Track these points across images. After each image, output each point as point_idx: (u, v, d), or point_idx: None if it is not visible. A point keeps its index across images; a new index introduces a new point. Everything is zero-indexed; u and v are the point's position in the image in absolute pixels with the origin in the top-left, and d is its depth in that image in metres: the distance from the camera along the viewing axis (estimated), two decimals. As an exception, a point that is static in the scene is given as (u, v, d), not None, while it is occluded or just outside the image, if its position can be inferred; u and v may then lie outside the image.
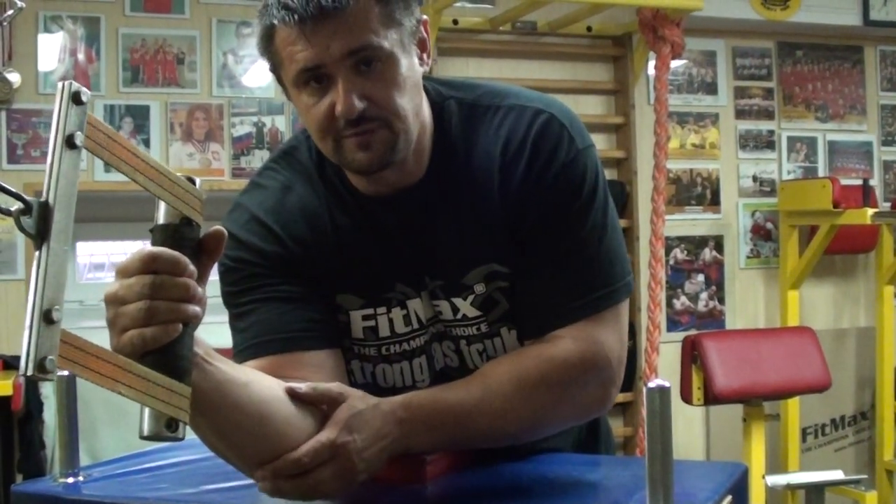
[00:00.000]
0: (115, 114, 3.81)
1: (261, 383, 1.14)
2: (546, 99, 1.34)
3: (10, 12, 3.09)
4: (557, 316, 1.28)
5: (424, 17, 1.27)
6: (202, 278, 0.99)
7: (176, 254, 0.94)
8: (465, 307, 1.33)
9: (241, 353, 1.27)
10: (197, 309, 0.95)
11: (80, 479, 1.36)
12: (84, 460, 1.41)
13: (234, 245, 1.29)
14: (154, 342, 0.92)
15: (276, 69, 1.25)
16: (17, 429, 3.51)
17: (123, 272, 0.94)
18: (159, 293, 0.92)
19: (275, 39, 1.20)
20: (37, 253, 0.82)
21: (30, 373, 0.78)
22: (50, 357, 0.79)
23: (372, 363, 1.38)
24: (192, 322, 0.95)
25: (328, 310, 1.32)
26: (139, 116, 3.85)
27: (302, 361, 1.25)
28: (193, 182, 0.99)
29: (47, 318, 0.79)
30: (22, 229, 0.82)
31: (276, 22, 1.19)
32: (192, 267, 0.95)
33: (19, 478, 3.45)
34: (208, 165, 3.92)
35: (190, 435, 1.46)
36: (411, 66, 1.23)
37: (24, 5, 2.96)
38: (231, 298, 1.30)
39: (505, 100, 1.32)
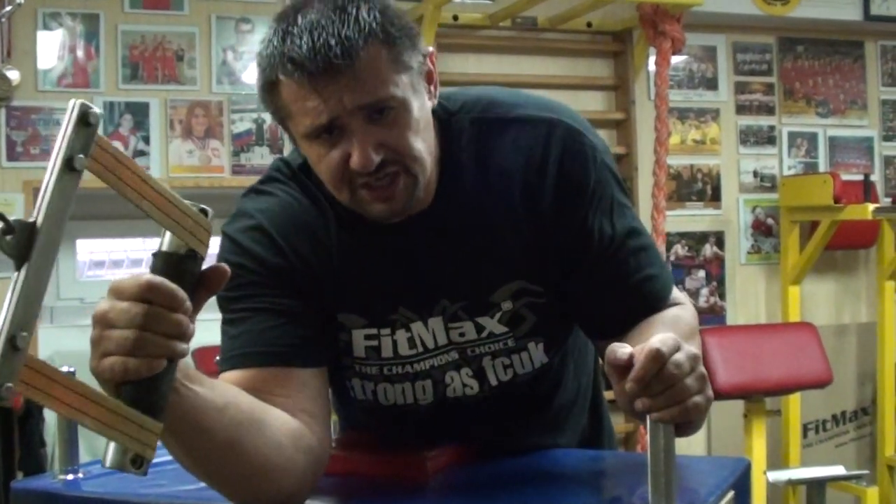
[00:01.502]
0: (114, 111, 3.80)
1: (238, 407, 1.11)
2: (550, 104, 1.34)
3: (8, 8, 3.08)
4: (647, 307, 1.31)
5: (430, 49, 1.25)
6: (195, 311, 0.96)
7: (175, 288, 0.91)
8: (492, 325, 1.32)
9: (227, 360, 1.25)
10: (185, 347, 0.93)
11: (81, 475, 1.36)
12: (84, 457, 1.41)
13: (235, 250, 1.27)
14: (135, 374, 0.89)
15: (282, 121, 1.22)
16: (18, 427, 3.50)
17: (118, 294, 0.91)
18: (151, 325, 0.89)
19: (281, 93, 1.17)
20: (14, 275, 0.80)
21: None
22: (7, 385, 0.77)
23: (373, 381, 1.36)
24: (176, 359, 0.93)
25: (321, 329, 1.28)
26: (139, 113, 3.84)
27: (286, 378, 1.22)
28: (206, 213, 0.96)
29: (12, 343, 0.77)
30: (3, 249, 0.79)
31: (282, 77, 1.15)
32: (188, 304, 0.92)
33: (20, 476, 3.45)
34: (208, 162, 3.91)
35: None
36: (422, 107, 1.21)
37: (22, 1, 2.95)
38: (226, 303, 1.27)
39: (511, 110, 1.30)
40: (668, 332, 1.20)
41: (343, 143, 1.16)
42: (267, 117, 3.96)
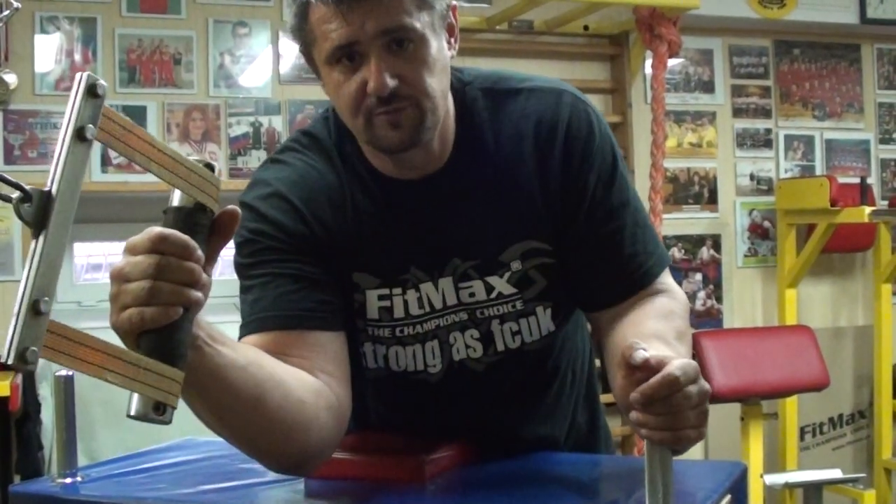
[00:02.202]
0: (111, 114, 3.80)
1: (259, 366, 1.15)
2: (556, 80, 1.42)
3: (5, 13, 3.08)
4: (635, 281, 1.35)
5: (454, 2, 1.31)
6: (210, 260, 0.99)
7: (185, 237, 0.94)
8: (501, 284, 1.36)
9: (246, 325, 1.29)
10: (199, 295, 0.95)
11: (79, 479, 1.36)
12: (82, 461, 1.41)
13: (253, 217, 1.31)
14: (153, 322, 0.92)
15: (307, 47, 1.28)
16: (15, 430, 3.50)
17: (132, 250, 0.94)
18: (164, 274, 0.92)
19: (310, 17, 1.23)
20: (33, 242, 0.82)
21: (10, 362, 0.78)
22: (32, 348, 0.79)
23: (385, 345, 1.39)
24: (193, 307, 0.96)
25: (339, 294, 1.32)
26: (136, 117, 3.80)
27: (305, 341, 1.26)
28: (212, 168, 0.99)
29: (35, 308, 0.79)
30: (21, 217, 0.82)
31: (312, 0, 1.21)
32: (199, 252, 0.95)
33: (17, 479, 3.44)
34: (205, 166, 3.91)
35: (185, 434, 1.46)
36: (440, 49, 1.27)
37: (19, 6, 2.95)
38: (244, 270, 1.32)
39: (522, 82, 1.38)
40: (661, 325, 1.28)
41: (361, 71, 1.22)
42: (264, 120, 3.96)
